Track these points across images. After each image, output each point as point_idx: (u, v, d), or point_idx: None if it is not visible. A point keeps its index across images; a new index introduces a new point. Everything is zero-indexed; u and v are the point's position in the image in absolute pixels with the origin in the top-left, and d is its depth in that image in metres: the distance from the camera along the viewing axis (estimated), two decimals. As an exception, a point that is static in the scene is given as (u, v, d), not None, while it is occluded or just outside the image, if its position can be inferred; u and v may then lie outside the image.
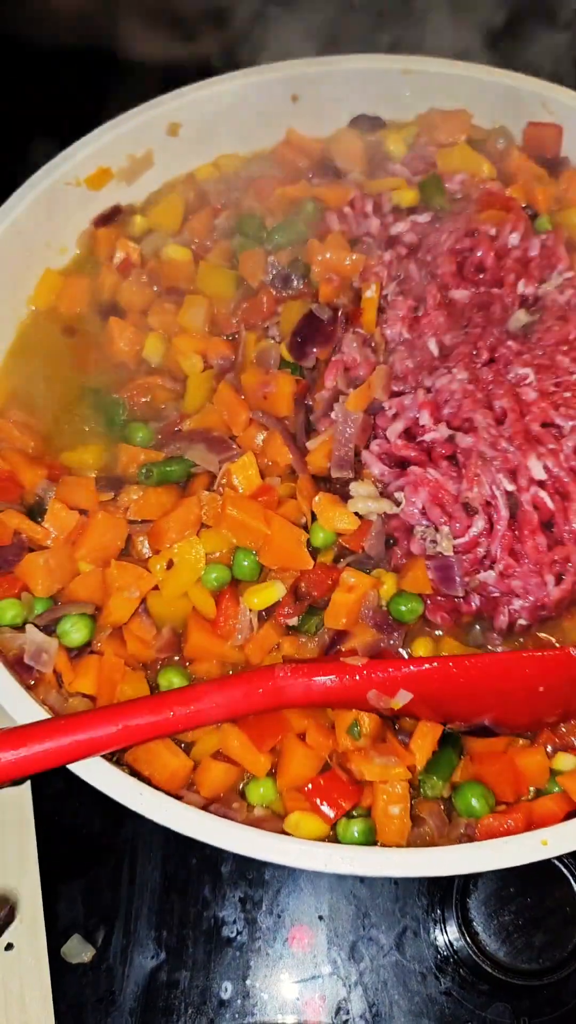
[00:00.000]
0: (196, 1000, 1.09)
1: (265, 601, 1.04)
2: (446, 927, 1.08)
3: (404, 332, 1.20)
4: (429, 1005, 1.08)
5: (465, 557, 1.06)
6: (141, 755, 0.97)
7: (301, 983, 1.10)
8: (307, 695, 0.96)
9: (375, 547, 1.08)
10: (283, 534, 1.04)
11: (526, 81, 1.45)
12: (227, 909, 1.12)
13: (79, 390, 1.26)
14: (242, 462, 1.08)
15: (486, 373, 1.15)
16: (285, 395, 1.14)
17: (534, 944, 1.02)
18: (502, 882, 1.05)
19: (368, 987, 1.09)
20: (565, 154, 1.45)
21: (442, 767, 1.00)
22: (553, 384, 1.14)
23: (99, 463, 1.18)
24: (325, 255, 1.23)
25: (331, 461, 1.11)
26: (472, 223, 1.29)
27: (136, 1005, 1.08)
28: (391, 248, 1.29)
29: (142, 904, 1.12)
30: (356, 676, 0.95)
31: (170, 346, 1.24)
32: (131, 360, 1.27)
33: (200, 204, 1.40)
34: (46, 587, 1.05)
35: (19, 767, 0.88)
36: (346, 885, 1.13)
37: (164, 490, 1.09)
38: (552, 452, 1.08)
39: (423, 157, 1.40)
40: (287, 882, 1.14)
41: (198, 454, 1.11)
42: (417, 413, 1.12)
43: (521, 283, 1.25)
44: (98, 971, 1.09)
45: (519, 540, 1.06)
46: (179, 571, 1.04)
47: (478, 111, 1.46)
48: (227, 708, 0.94)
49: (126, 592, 1.04)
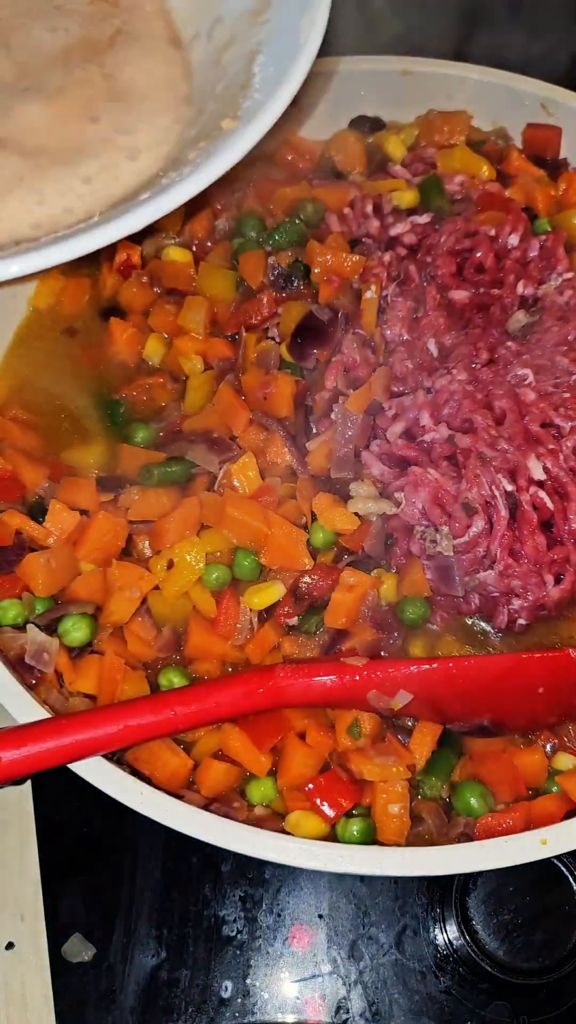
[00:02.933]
0: (196, 999, 1.09)
1: (265, 601, 1.05)
2: (446, 926, 1.09)
3: (404, 333, 1.21)
4: (429, 1004, 1.08)
5: (465, 557, 1.06)
6: (142, 754, 0.98)
7: (301, 982, 1.10)
8: (307, 695, 0.96)
9: (375, 547, 1.08)
10: (283, 534, 1.04)
11: (526, 82, 1.45)
12: (227, 908, 1.13)
13: (80, 390, 1.26)
14: (242, 462, 1.08)
15: (486, 374, 1.15)
16: (285, 396, 1.14)
17: (534, 943, 1.03)
18: (502, 881, 1.05)
19: (368, 986, 1.09)
20: (564, 155, 1.45)
21: (441, 767, 1.00)
22: (552, 385, 1.14)
23: (100, 463, 1.18)
24: (325, 256, 1.24)
25: (331, 461, 1.11)
26: (472, 224, 1.29)
27: (137, 1004, 1.08)
28: (391, 249, 1.29)
29: (143, 903, 1.13)
30: (356, 676, 0.96)
31: (170, 347, 1.24)
32: (132, 360, 1.27)
33: (200, 205, 1.40)
34: (47, 587, 1.05)
35: (19, 767, 0.88)
36: (346, 884, 1.14)
37: (165, 490, 1.10)
38: (551, 452, 1.08)
39: (423, 158, 1.41)
40: (287, 881, 1.14)
41: (199, 454, 1.11)
42: (417, 414, 1.13)
43: (521, 284, 1.25)
44: (99, 970, 1.10)
45: (519, 540, 1.06)
46: (180, 571, 1.04)
47: (478, 112, 1.47)
48: (227, 708, 0.95)
49: (127, 592, 1.04)
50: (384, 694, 0.96)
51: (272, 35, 1.01)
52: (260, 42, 1.02)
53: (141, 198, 0.92)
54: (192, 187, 0.90)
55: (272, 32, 1.01)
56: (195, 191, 0.91)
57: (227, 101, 1.00)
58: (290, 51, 0.97)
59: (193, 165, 0.93)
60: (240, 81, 1.00)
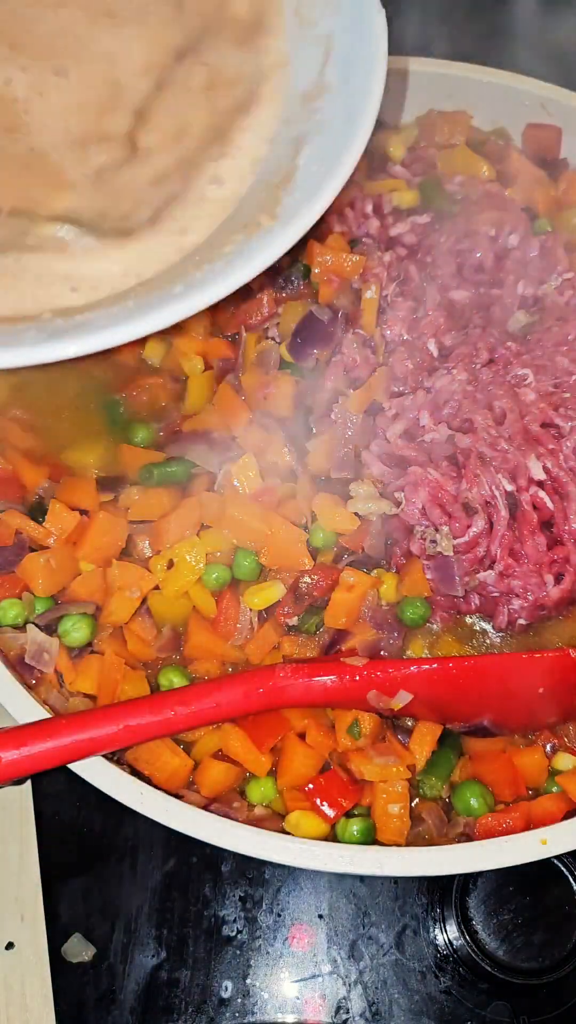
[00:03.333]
0: (196, 999, 1.09)
1: (265, 601, 1.05)
2: (446, 926, 1.09)
3: (404, 333, 1.21)
4: (429, 1004, 1.09)
5: (465, 557, 1.06)
6: (142, 754, 0.98)
7: (301, 982, 1.10)
8: (307, 695, 0.96)
9: (375, 547, 1.08)
10: (283, 534, 1.04)
11: (525, 82, 1.45)
12: (227, 908, 1.13)
13: (80, 390, 1.26)
14: (243, 463, 1.08)
15: (486, 374, 1.15)
16: (285, 396, 1.14)
17: (533, 943, 1.03)
18: (501, 881, 1.05)
19: (368, 986, 1.10)
20: (564, 156, 1.45)
21: (441, 767, 1.00)
22: (552, 385, 1.14)
23: (100, 463, 1.18)
24: (325, 256, 1.24)
25: (331, 461, 1.11)
26: (472, 224, 1.29)
27: (137, 1004, 1.08)
28: (391, 249, 1.29)
29: (142, 903, 1.13)
30: (356, 676, 0.96)
31: (171, 347, 1.24)
32: (132, 360, 1.27)
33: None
34: (47, 587, 1.05)
35: (19, 767, 0.88)
36: (346, 884, 1.14)
37: (165, 490, 1.10)
38: (552, 452, 1.08)
39: (423, 158, 1.41)
40: (287, 881, 1.14)
41: (199, 455, 1.11)
42: (417, 414, 1.13)
43: (521, 284, 1.25)
44: (99, 970, 1.10)
45: (519, 540, 1.06)
46: (179, 571, 1.04)
47: (478, 112, 1.46)
48: (227, 708, 0.95)
49: (127, 592, 1.04)
50: (384, 694, 0.96)
51: (322, 127, 0.98)
52: (307, 132, 0.99)
53: (174, 290, 0.89)
54: (225, 287, 0.88)
55: (322, 124, 0.99)
56: (228, 291, 0.89)
57: (268, 192, 0.97)
58: (336, 151, 0.94)
59: (225, 261, 0.91)
60: (284, 171, 0.98)
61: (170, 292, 0.89)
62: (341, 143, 0.94)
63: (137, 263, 0.95)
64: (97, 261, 0.93)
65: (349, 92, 0.98)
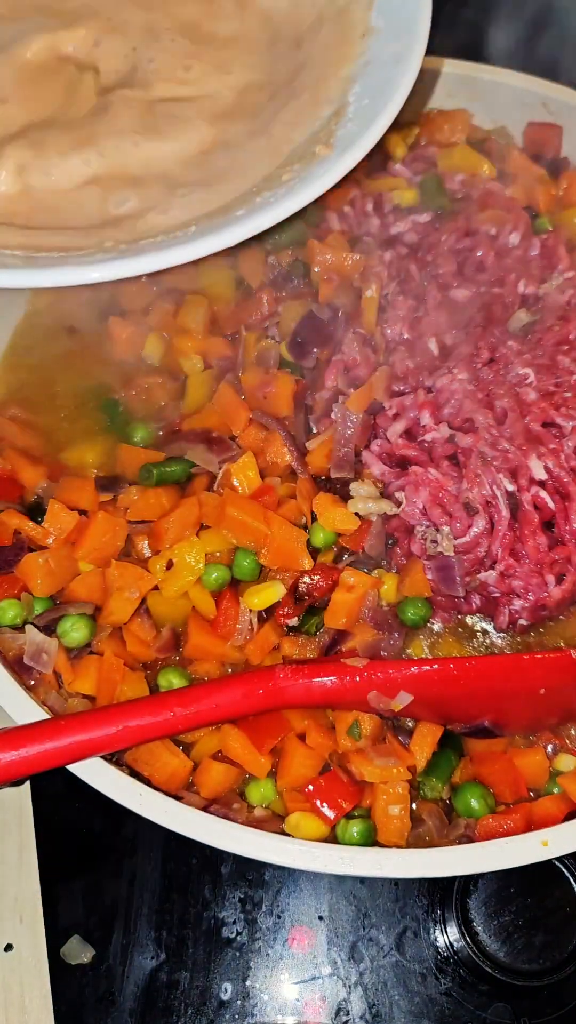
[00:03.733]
0: (196, 1001, 1.09)
1: (265, 601, 1.04)
2: (446, 927, 1.08)
3: (404, 332, 1.20)
4: (429, 1006, 1.08)
5: (466, 557, 1.06)
6: (141, 755, 0.97)
7: (301, 984, 1.10)
8: (307, 696, 0.96)
9: (375, 547, 1.08)
10: (283, 534, 1.04)
11: (526, 81, 1.45)
12: (227, 909, 1.12)
13: (79, 389, 1.26)
14: (242, 462, 1.08)
15: (487, 373, 1.15)
16: (285, 395, 1.14)
17: (534, 944, 1.02)
18: (502, 882, 1.05)
19: (368, 988, 1.09)
20: (565, 154, 1.45)
21: (442, 768, 1.00)
22: (553, 384, 1.14)
23: (99, 463, 1.18)
24: (325, 255, 1.23)
25: (331, 461, 1.11)
26: (472, 223, 1.29)
27: (136, 1005, 1.08)
28: (391, 248, 1.29)
29: (142, 904, 1.12)
30: (356, 677, 0.95)
31: (170, 346, 1.23)
32: (131, 360, 1.27)
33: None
34: (46, 587, 1.05)
35: (19, 767, 0.88)
36: (346, 885, 1.13)
37: (164, 490, 1.09)
38: (553, 452, 1.08)
39: (423, 157, 1.40)
40: (287, 882, 1.14)
41: (198, 454, 1.11)
42: (418, 413, 1.12)
43: (522, 283, 1.25)
44: (98, 971, 1.09)
45: (520, 540, 1.06)
46: (179, 571, 1.04)
47: (478, 111, 1.46)
48: (227, 708, 0.94)
49: (126, 592, 1.04)
50: (384, 695, 0.95)
51: (369, 67, 1.07)
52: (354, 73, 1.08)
53: (237, 213, 0.95)
54: (285, 209, 0.95)
55: (369, 64, 1.07)
56: (289, 213, 0.95)
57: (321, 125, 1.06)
58: (385, 88, 1.02)
59: (287, 187, 0.97)
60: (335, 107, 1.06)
61: (233, 216, 0.94)
62: (393, 77, 1.02)
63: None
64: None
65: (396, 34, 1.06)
